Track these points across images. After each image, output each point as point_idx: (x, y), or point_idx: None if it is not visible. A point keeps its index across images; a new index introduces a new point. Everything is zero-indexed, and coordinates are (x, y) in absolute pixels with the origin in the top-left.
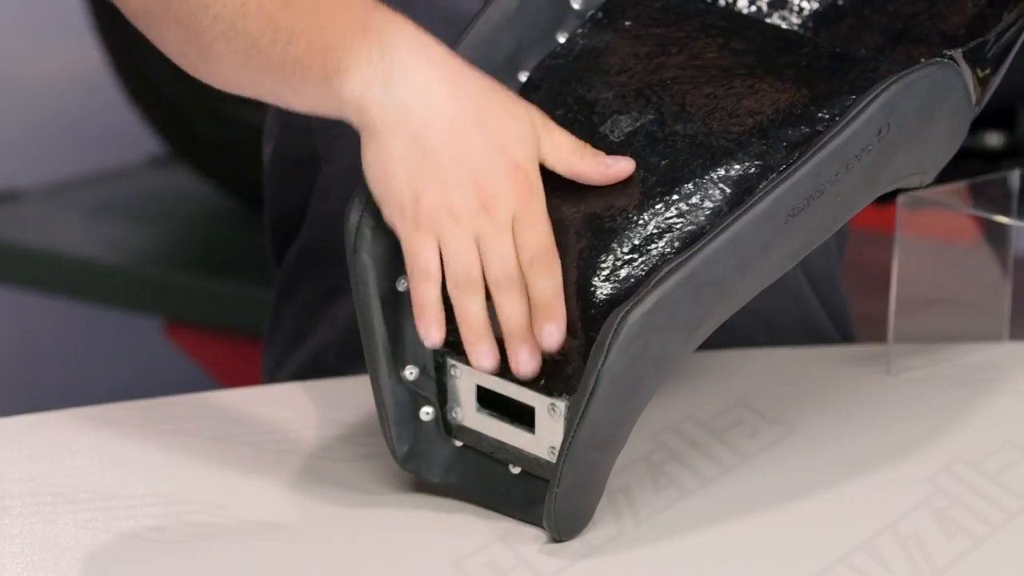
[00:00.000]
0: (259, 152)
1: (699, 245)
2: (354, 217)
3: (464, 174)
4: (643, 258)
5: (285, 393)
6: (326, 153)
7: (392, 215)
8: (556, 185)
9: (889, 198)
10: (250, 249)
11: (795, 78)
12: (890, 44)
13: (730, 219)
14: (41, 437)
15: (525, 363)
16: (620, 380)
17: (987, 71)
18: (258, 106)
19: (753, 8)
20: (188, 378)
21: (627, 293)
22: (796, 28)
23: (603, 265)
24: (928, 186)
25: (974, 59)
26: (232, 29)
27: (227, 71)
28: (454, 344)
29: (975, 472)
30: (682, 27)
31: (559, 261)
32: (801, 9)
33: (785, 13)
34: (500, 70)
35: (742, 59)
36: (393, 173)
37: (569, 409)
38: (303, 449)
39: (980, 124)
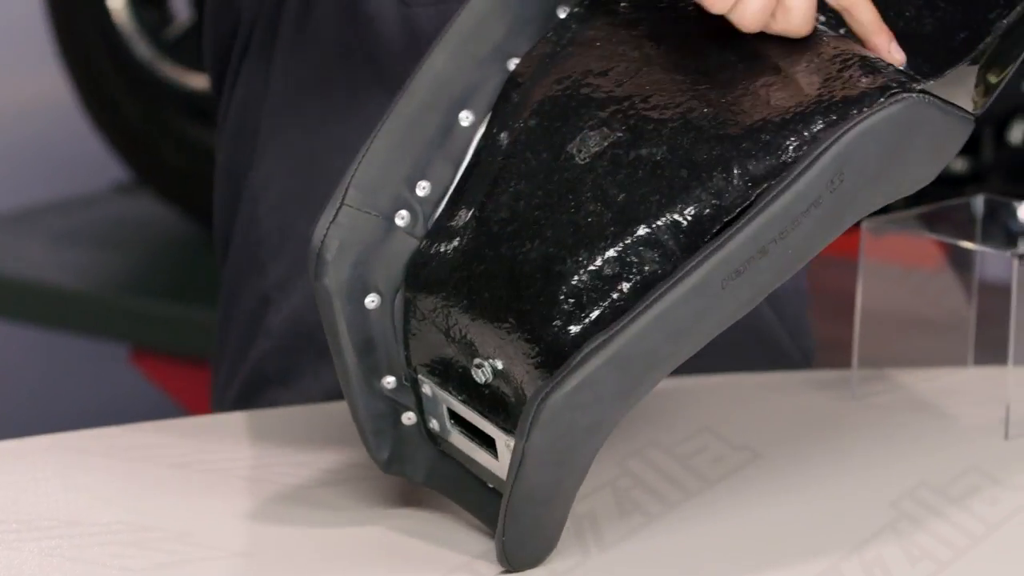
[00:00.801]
0: None
1: (623, 322)
2: (316, 242)
3: None
4: (592, 305)
5: (251, 419)
6: (258, 158)
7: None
8: (518, 210)
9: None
10: (216, 276)
11: (768, 99)
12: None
13: (655, 295)
14: (5, 464)
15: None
16: (548, 452)
17: (994, 79)
18: None
19: None
20: (154, 405)
21: (588, 332)
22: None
23: (552, 312)
24: (892, 210)
25: (979, 63)
26: None
27: None
28: (423, 364)
29: (939, 497)
30: (675, 18)
31: None
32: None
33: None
34: (486, 63)
35: (726, 69)
36: None
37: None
38: (269, 475)
39: None
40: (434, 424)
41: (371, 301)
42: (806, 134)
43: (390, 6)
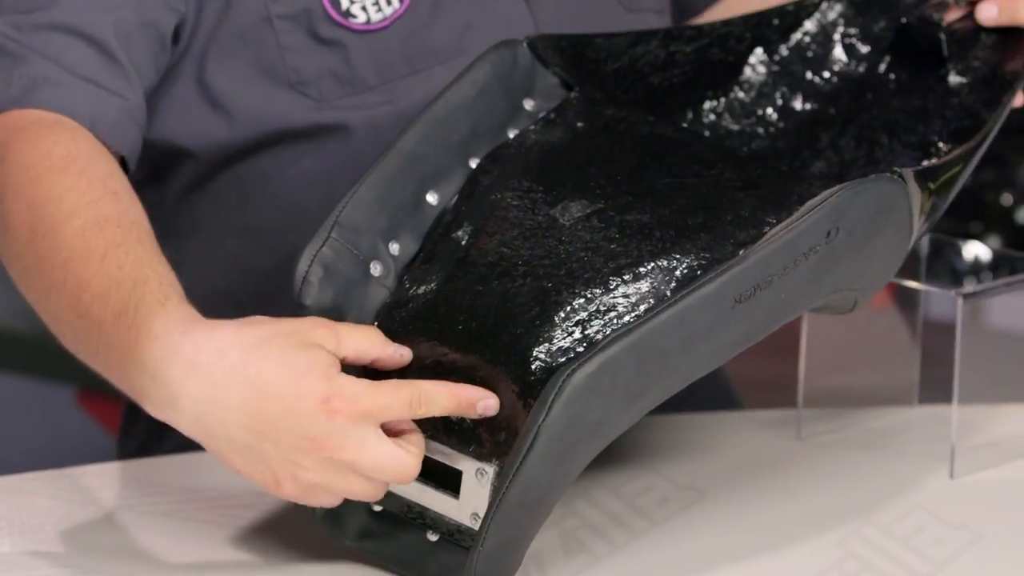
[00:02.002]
0: None
1: (648, 316)
2: (303, 266)
3: (294, 450)
4: (584, 334)
5: (198, 461)
6: (179, 260)
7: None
8: (504, 256)
9: None
10: None
11: (743, 187)
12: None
13: (679, 295)
14: None
15: (489, 406)
16: (558, 439)
17: (930, 201)
18: None
19: (713, 117)
20: (101, 447)
21: (583, 356)
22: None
23: (545, 335)
24: None
25: (920, 184)
26: (62, 330)
27: (75, 344)
28: None
29: (885, 536)
30: (632, 137)
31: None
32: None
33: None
34: (453, 152)
35: (690, 168)
36: (245, 473)
37: (498, 475)
38: (216, 516)
39: None
40: None
41: None
42: (784, 213)
43: (299, 106)
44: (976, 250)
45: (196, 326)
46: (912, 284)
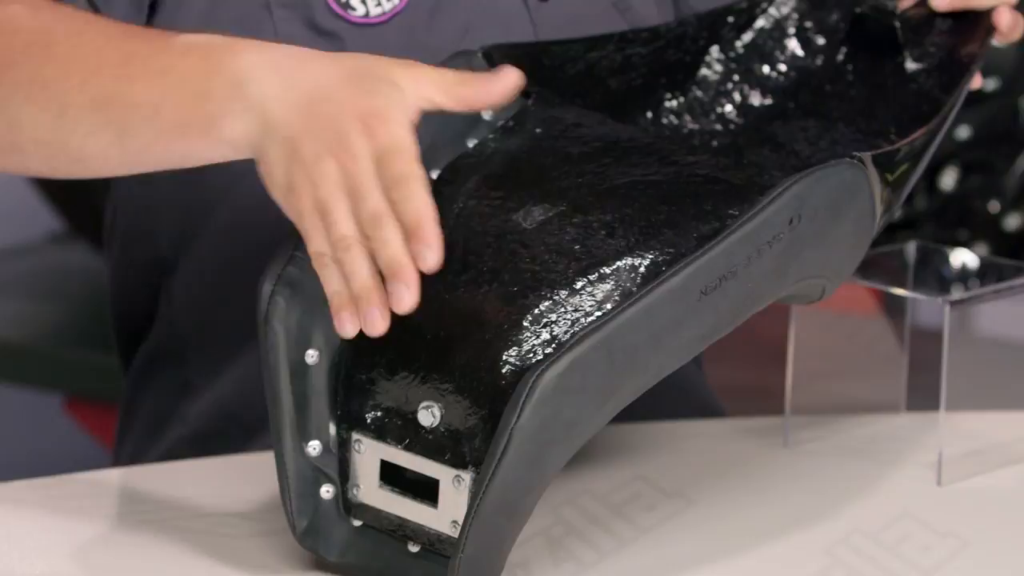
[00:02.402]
0: None
1: (614, 312)
2: (267, 287)
3: (319, 147)
4: (553, 335)
5: (186, 469)
6: (171, 262)
7: (289, 215)
8: (470, 263)
9: None
10: None
11: (705, 181)
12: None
13: (646, 290)
14: None
15: (405, 297)
16: (531, 442)
17: (891, 186)
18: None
19: (675, 120)
20: (88, 454)
21: (552, 356)
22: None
23: (514, 339)
24: None
25: (880, 169)
26: (96, 126)
27: (106, 163)
28: (359, 419)
29: (873, 543)
30: (591, 139)
31: (423, 181)
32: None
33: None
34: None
35: (651, 165)
36: (272, 177)
37: (475, 481)
38: (203, 525)
39: None
40: (357, 491)
41: (311, 356)
42: (746, 205)
43: None
44: (964, 257)
45: (286, 45)
46: (899, 291)
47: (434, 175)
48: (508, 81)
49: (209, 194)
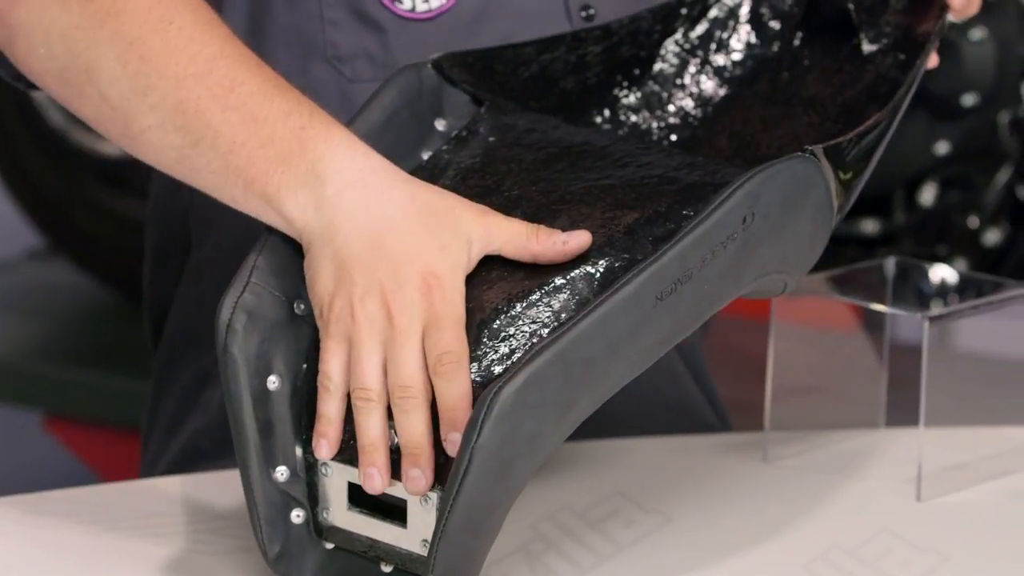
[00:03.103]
0: (138, 245)
1: (569, 324)
2: (225, 314)
3: (373, 284)
4: (511, 349)
5: (163, 486)
6: (197, 239)
7: (317, 322)
8: None
9: None
10: (129, 342)
11: (660, 182)
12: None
13: (599, 300)
14: None
15: (415, 481)
16: (493, 458)
17: (848, 174)
18: (137, 199)
19: (633, 118)
20: (68, 471)
21: (510, 372)
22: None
23: (473, 356)
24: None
25: (834, 160)
26: (169, 123)
27: (156, 158)
28: None
29: (852, 559)
30: (546, 144)
31: (468, 367)
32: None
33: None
34: None
35: (605, 170)
36: (317, 281)
37: (441, 499)
38: (180, 542)
39: (856, 211)
40: (327, 515)
41: (273, 382)
42: (701, 204)
43: (331, 80)
44: (943, 273)
45: (377, 156)
46: (879, 307)
47: None
48: (582, 241)
49: None
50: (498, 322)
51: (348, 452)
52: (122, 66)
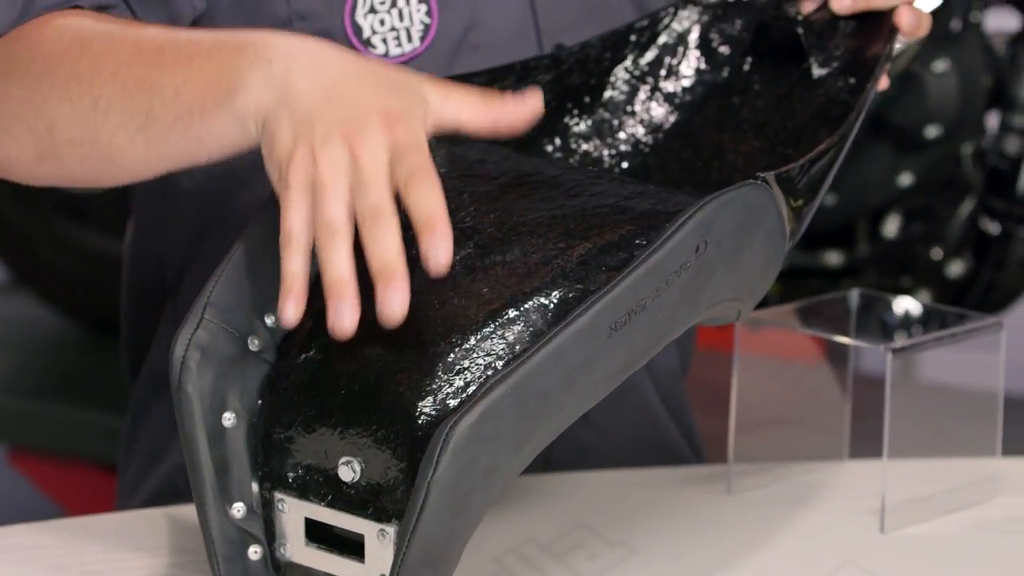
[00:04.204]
0: (103, 280)
1: (524, 357)
2: (179, 352)
3: (333, 128)
4: (466, 382)
5: (129, 521)
6: (174, 282)
7: (274, 183)
8: (375, 324)
9: None
10: (95, 376)
11: (612, 212)
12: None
13: (554, 332)
14: None
15: (392, 302)
16: (450, 493)
17: (799, 201)
18: (101, 233)
19: (585, 146)
20: (32, 505)
21: (465, 404)
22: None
23: (427, 389)
24: (769, 305)
25: (785, 187)
26: (124, 114)
27: (132, 158)
28: (281, 478)
29: None
30: (497, 176)
31: (439, 182)
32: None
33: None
34: None
35: (557, 200)
36: (275, 143)
37: (399, 534)
38: None
39: (820, 243)
40: (285, 550)
41: (228, 418)
42: (654, 233)
43: None
44: (906, 304)
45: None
46: (842, 339)
47: None
48: (533, 103)
49: (215, 218)
50: (452, 355)
51: (302, 487)
52: (68, 102)
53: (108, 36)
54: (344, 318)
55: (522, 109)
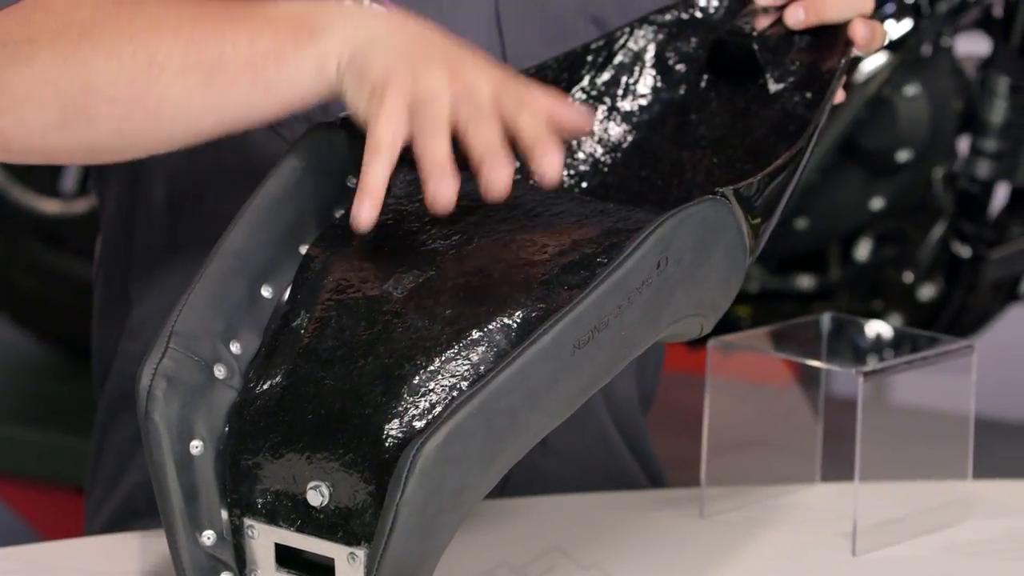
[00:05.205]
0: (77, 304)
1: (488, 377)
2: (145, 381)
3: (435, 58)
4: (432, 404)
5: (103, 544)
6: (138, 296)
7: (362, 107)
8: (345, 338)
9: (701, 341)
10: (70, 400)
11: (571, 230)
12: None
13: (517, 351)
14: None
15: (502, 180)
16: (418, 514)
17: (757, 219)
18: (75, 258)
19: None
20: (7, 529)
21: (431, 426)
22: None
23: (393, 412)
24: (741, 329)
25: (743, 202)
26: (186, 67)
27: (183, 113)
28: (250, 504)
29: None
30: (460, 198)
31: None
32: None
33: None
34: (281, 242)
35: (518, 219)
36: (369, 68)
37: (369, 556)
38: None
39: (792, 267)
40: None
41: (195, 446)
42: (614, 251)
43: (268, 142)
44: (878, 328)
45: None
46: (814, 363)
47: (303, 250)
48: (585, 122)
49: (174, 237)
50: (418, 377)
51: (271, 512)
52: (116, 59)
53: (163, 1)
54: (446, 193)
55: (577, 115)
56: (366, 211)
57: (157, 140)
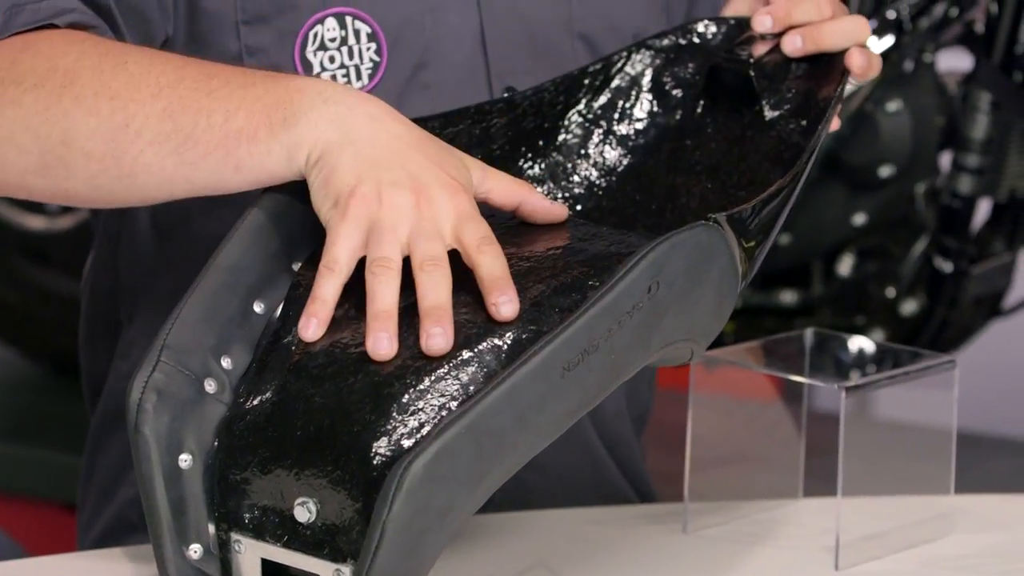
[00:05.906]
0: (61, 320)
1: (478, 397)
2: (135, 394)
3: (402, 176)
4: (421, 422)
5: (89, 560)
6: (127, 316)
7: (324, 210)
8: (335, 355)
9: None
10: (56, 416)
11: (565, 253)
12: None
13: (507, 372)
14: None
15: (437, 338)
16: (405, 532)
17: (751, 243)
18: (61, 274)
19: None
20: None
21: (419, 444)
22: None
23: (382, 430)
24: (724, 344)
25: (737, 228)
26: (159, 135)
27: (155, 178)
28: (237, 519)
29: None
30: None
31: (504, 255)
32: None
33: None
34: (274, 258)
35: (510, 240)
36: (336, 174)
37: (354, 573)
38: None
39: (775, 282)
40: None
41: (184, 460)
42: (606, 275)
43: None
44: (860, 343)
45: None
46: (797, 378)
47: (296, 267)
48: (558, 212)
49: (165, 255)
50: (407, 396)
51: (258, 528)
52: (95, 116)
53: (146, 57)
54: (384, 346)
55: (546, 206)
56: (312, 328)
57: (131, 197)
